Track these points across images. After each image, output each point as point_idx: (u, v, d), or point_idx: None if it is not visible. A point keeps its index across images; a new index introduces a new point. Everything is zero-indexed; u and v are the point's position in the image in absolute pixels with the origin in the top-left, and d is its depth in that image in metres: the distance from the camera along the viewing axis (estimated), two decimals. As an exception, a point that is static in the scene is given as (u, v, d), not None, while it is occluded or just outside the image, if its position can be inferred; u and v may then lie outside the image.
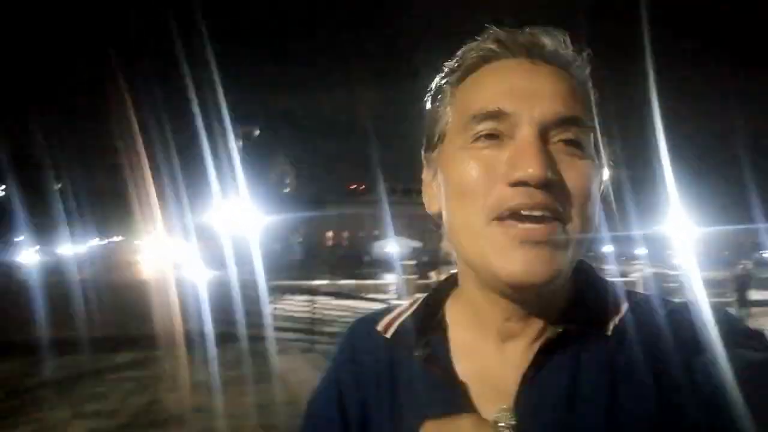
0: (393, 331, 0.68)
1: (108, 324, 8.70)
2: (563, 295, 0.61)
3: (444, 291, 0.70)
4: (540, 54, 0.59)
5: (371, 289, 19.64)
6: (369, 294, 15.93)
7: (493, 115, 0.57)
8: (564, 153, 0.56)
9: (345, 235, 57.65)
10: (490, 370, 0.61)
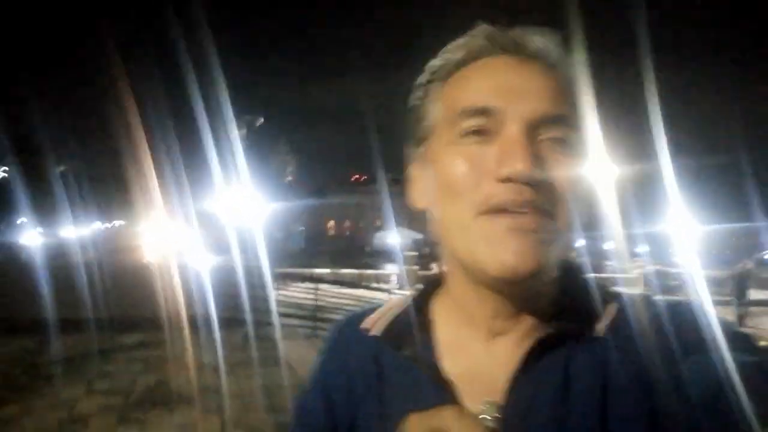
0: (380, 329, 0.67)
1: (114, 306, 8.76)
2: (552, 294, 0.61)
3: (431, 288, 0.70)
4: (528, 51, 0.59)
5: (373, 279, 19.79)
6: (371, 283, 16.07)
7: (481, 112, 0.57)
8: (551, 151, 0.56)
9: (347, 225, 57.71)
10: (478, 367, 0.61)
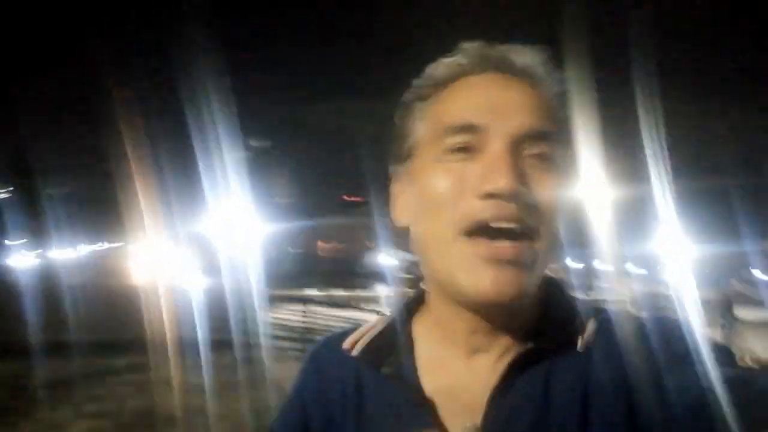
0: (359, 349, 0.66)
1: (103, 328, 8.72)
2: (531, 310, 0.61)
3: (412, 306, 0.69)
4: (511, 69, 0.60)
5: (363, 300, 19.75)
6: (360, 304, 16.06)
7: (465, 129, 0.56)
8: (534, 167, 0.56)
9: (338, 246, 57.63)
10: (458, 385, 0.60)
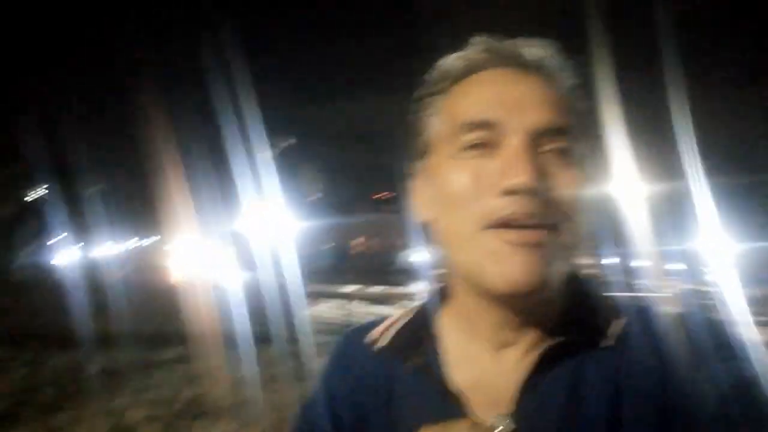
0: (386, 341, 0.66)
1: (149, 322, 9.03)
2: (559, 305, 0.60)
3: (438, 300, 0.69)
4: (526, 64, 0.59)
5: (401, 296, 19.77)
6: (399, 301, 16.10)
7: (482, 125, 0.56)
8: (553, 162, 0.55)
9: (373, 242, 57.86)
10: (485, 378, 0.60)
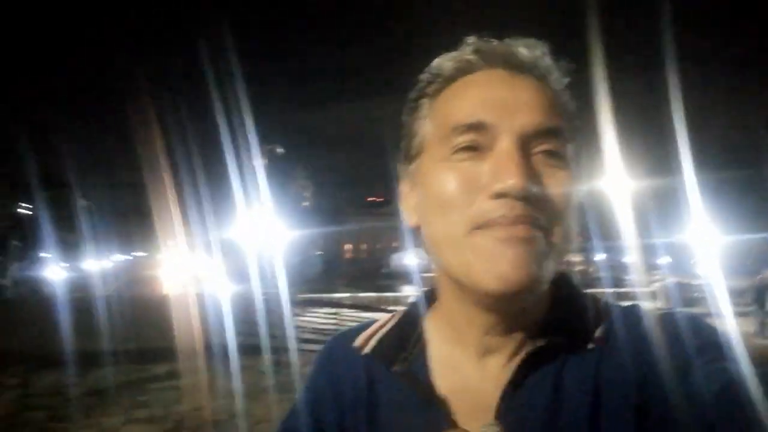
0: (370, 347, 0.66)
1: (140, 337, 8.99)
2: (543, 308, 0.60)
3: (422, 305, 0.69)
4: (518, 65, 0.59)
5: (391, 302, 19.88)
6: (390, 306, 16.21)
7: (473, 127, 0.56)
8: (545, 164, 0.55)
9: (363, 248, 57.84)
10: (470, 385, 0.60)
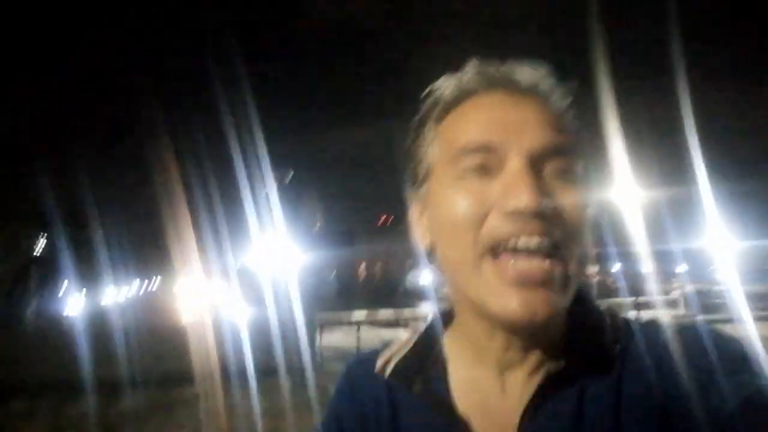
0: (391, 369, 0.66)
1: (164, 363, 9.11)
2: (562, 324, 0.60)
3: (442, 323, 0.69)
4: (520, 86, 0.59)
5: (410, 318, 19.80)
6: (409, 323, 16.16)
7: (482, 149, 0.56)
8: (555, 182, 0.56)
9: (378, 267, 57.77)
10: (491, 403, 0.60)
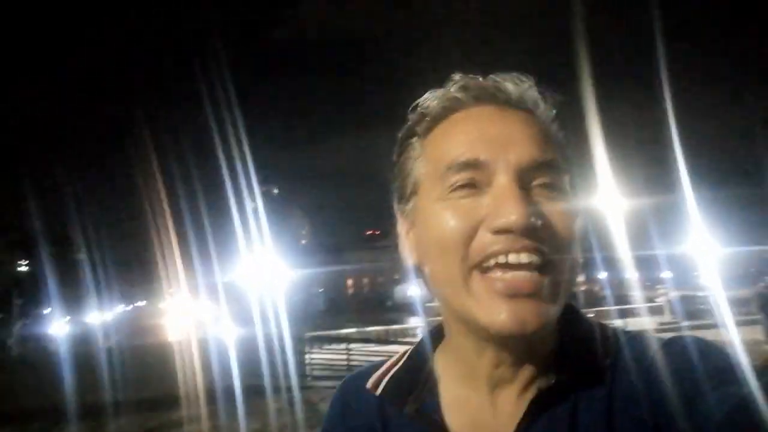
0: (382, 388, 0.66)
1: (152, 385, 9.00)
2: (552, 338, 0.60)
3: (432, 340, 0.69)
4: (506, 100, 0.59)
5: (399, 333, 19.80)
6: (398, 338, 16.16)
7: (469, 165, 0.55)
8: (543, 197, 0.55)
9: (365, 282, 57.59)
10: (482, 422, 0.59)
